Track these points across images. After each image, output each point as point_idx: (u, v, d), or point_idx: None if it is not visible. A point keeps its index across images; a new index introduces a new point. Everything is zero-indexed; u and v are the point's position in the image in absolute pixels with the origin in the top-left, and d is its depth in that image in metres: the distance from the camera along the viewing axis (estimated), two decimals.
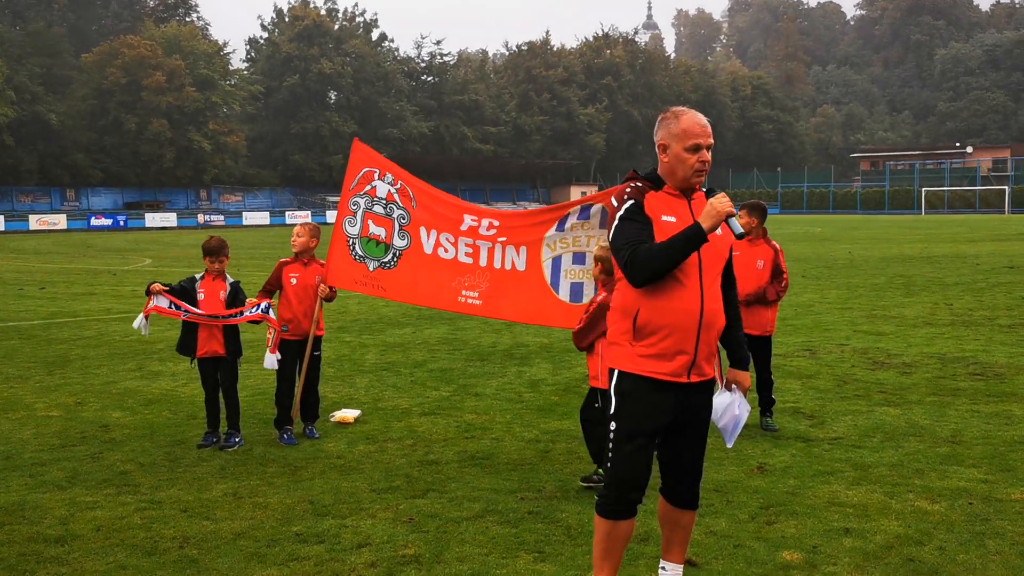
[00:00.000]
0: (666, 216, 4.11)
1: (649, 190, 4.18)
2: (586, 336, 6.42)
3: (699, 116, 4.15)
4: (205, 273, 7.77)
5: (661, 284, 4.04)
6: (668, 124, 4.17)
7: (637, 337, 4.13)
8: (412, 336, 13.59)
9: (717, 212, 3.97)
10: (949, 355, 11.17)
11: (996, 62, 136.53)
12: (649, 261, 3.97)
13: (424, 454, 7.34)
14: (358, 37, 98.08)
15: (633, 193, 4.15)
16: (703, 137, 4.10)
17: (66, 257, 36.30)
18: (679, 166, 4.13)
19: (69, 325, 15.20)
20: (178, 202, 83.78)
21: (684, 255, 3.98)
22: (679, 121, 4.13)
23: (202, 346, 7.67)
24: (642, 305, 4.09)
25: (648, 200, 4.14)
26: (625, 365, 4.16)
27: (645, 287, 4.06)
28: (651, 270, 3.99)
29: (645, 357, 4.11)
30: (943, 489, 6.13)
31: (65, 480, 6.69)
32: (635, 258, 3.99)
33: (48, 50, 77.24)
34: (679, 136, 4.11)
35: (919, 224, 59.07)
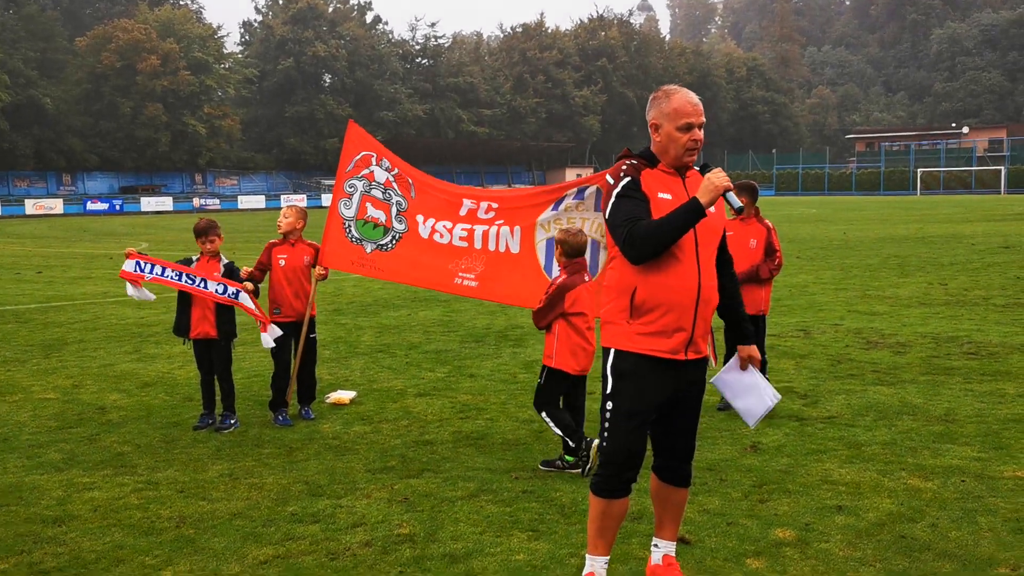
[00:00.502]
0: (662, 193, 4.11)
1: (645, 167, 4.19)
2: (545, 316, 6.48)
3: (690, 95, 4.15)
4: (200, 255, 7.78)
5: (658, 261, 4.04)
6: (659, 103, 4.17)
7: (635, 315, 4.13)
8: (407, 318, 13.61)
9: (715, 187, 3.98)
10: (943, 335, 11.20)
11: (992, 42, 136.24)
12: (648, 237, 3.97)
13: (419, 435, 7.37)
14: (352, 20, 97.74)
15: (629, 170, 4.15)
16: (694, 116, 4.10)
17: (63, 241, 36.27)
18: (671, 145, 4.13)
19: (66, 309, 15.21)
20: (174, 186, 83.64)
21: (682, 231, 3.98)
22: (670, 100, 4.13)
23: (195, 327, 7.68)
24: (639, 283, 4.10)
25: (644, 177, 4.14)
26: (623, 343, 4.16)
27: (643, 264, 4.06)
28: (650, 246, 3.99)
29: (644, 335, 4.11)
30: (936, 467, 6.17)
31: (62, 461, 6.71)
32: (633, 234, 3.99)
33: (42, 34, 76.92)
34: (670, 115, 4.11)
35: (915, 205, 59.09)
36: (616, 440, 4.18)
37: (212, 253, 7.74)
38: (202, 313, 7.65)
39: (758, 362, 4.50)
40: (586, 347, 6.46)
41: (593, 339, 6.46)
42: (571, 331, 6.40)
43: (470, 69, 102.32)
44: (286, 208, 8.17)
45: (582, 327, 6.41)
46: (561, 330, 6.41)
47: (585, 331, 6.42)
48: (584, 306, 6.39)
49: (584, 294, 6.39)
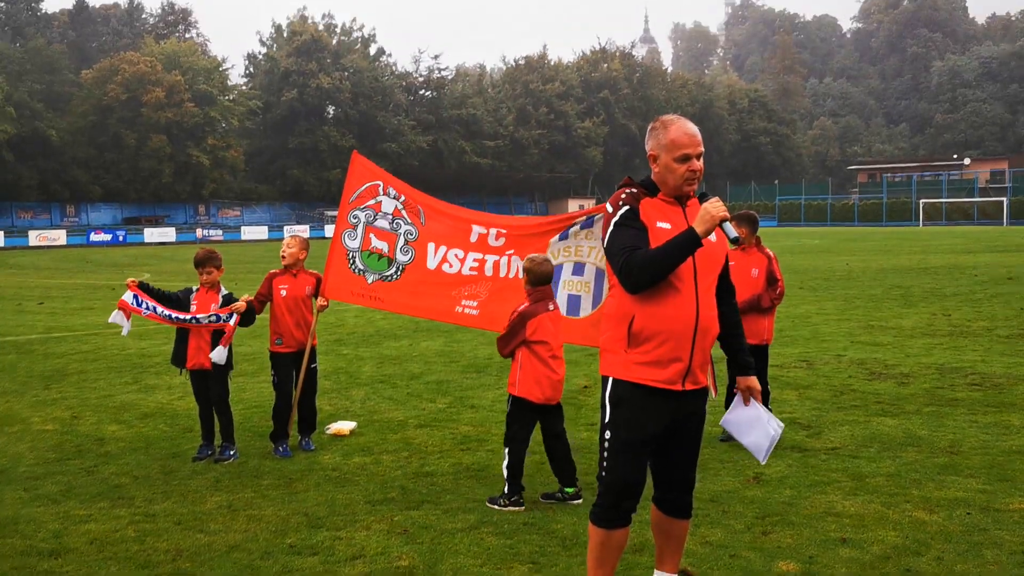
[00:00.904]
0: (661, 223, 4.10)
1: (644, 196, 4.18)
2: (507, 343, 6.45)
3: (688, 125, 4.13)
4: (199, 286, 7.77)
5: (656, 290, 4.03)
6: (657, 134, 4.16)
7: (632, 344, 4.10)
8: (408, 349, 13.57)
9: (711, 216, 3.96)
10: (947, 365, 11.15)
11: (992, 74, 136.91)
12: (644, 266, 3.96)
13: (419, 466, 7.32)
14: (356, 52, 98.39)
15: (628, 199, 4.14)
16: (691, 147, 4.09)
17: (65, 272, 36.31)
18: (669, 175, 4.12)
19: (67, 339, 15.19)
20: (177, 217, 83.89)
21: (679, 260, 3.97)
22: (667, 131, 4.12)
23: (191, 358, 7.66)
24: (637, 312, 4.07)
25: (643, 207, 4.13)
26: (619, 372, 4.14)
27: (640, 293, 4.04)
28: (646, 275, 3.97)
29: (640, 364, 4.09)
30: (941, 499, 6.11)
31: (59, 494, 6.66)
32: (630, 263, 3.98)
33: (48, 67, 77.48)
34: (668, 146, 4.10)
35: (917, 236, 59.11)
36: (614, 470, 4.15)
37: (211, 284, 7.73)
38: (198, 344, 7.63)
39: (758, 393, 4.46)
40: (551, 376, 6.38)
41: (559, 368, 6.43)
42: (534, 359, 6.34)
43: (473, 101, 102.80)
44: (289, 238, 8.14)
45: (545, 355, 6.34)
46: (524, 358, 6.36)
47: (549, 359, 6.35)
48: (546, 334, 6.34)
49: (547, 322, 6.36)
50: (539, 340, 6.33)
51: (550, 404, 6.48)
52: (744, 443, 4.49)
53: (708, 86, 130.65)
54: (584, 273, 6.97)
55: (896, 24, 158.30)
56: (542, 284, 6.43)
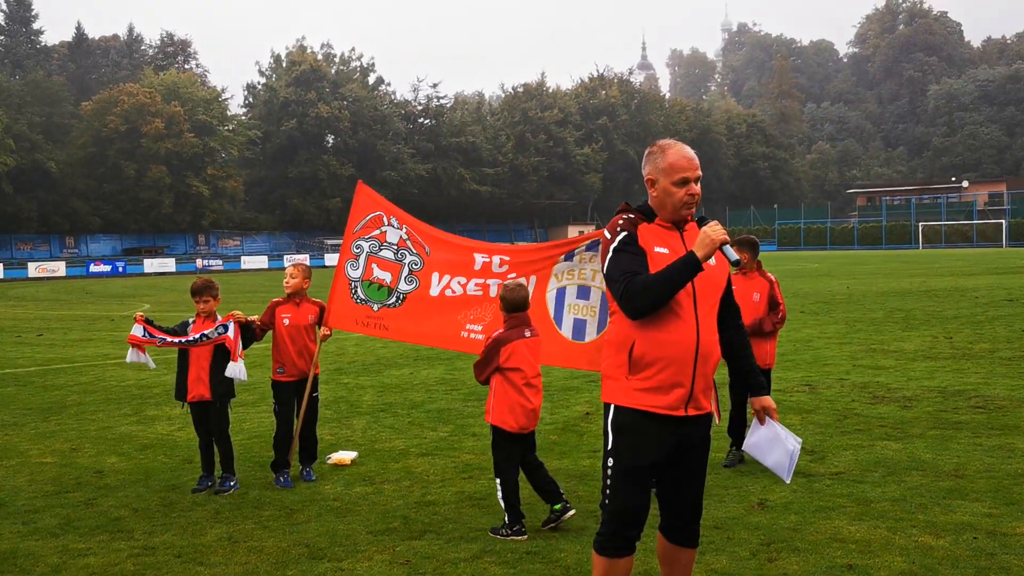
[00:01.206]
0: (659, 248, 4.09)
1: (642, 222, 4.16)
2: (482, 370, 6.43)
3: (686, 149, 4.14)
4: (196, 316, 7.75)
5: (656, 316, 4.00)
6: (655, 159, 4.15)
7: (633, 370, 4.07)
8: (410, 377, 13.53)
9: (711, 240, 3.95)
10: (950, 388, 11.10)
11: (989, 97, 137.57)
12: (644, 292, 3.94)
13: (421, 495, 7.26)
14: (355, 81, 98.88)
15: (626, 225, 4.13)
16: (690, 170, 4.08)
17: (64, 304, 36.29)
18: (667, 200, 4.11)
19: (66, 371, 15.14)
20: (177, 247, 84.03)
21: (680, 285, 3.95)
22: (665, 156, 4.12)
23: (191, 390, 7.63)
24: (637, 337, 4.05)
25: (641, 232, 4.12)
26: (621, 399, 4.11)
27: (641, 319, 4.02)
28: (647, 301, 3.95)
29: (641, 391, 4.06)
30: (947, 524, 6.06)
31: (58, 527, 6.61)
32: (630, 289, 3.96)
33: (47, 99, 77.88)
34: (666, 171, 4.09)
35: (917, 258, 59.14)
36: (617, 497, 4.10)
37: (207, 313, 7.70)
38: (197, 375, 7.60)
39: (775, 411, 4.42)
40: (524, 404, 6.30)
41: (534, 396, 6.36)
42: (508, 387, 6.29)
43: (472, 129, 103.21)
44: (291, 267, 8.11)
45: (519, 383, 6.29)
46: (498, 385, 6.33)
47: (523, 387, 6.29)
48: (521, 362, 6.29)
49: (522, 349, 6.31)
50: (513, 367, 6.28)
51: (524, 433, 6.40)
52: (767, 464, 4.43)
53: (706, 112, 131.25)
54: (590, 297, 6.95)
55: (892, 48, 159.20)
56: (517, 311, 6.39)
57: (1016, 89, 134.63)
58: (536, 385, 6.38)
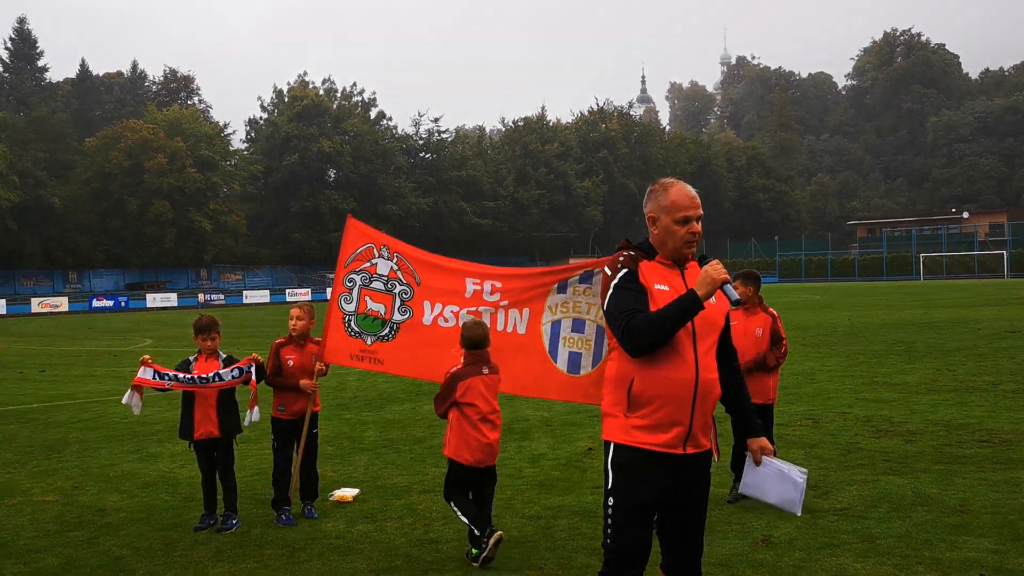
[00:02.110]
0: (660, 285, 4.10)
1: (643, 259, 4.18)
2: (439, 404, 6.62)
3: (688, 188, 4.17)
4: (198, 354, 7.76)
5: (655, 353, 4.01)
6: (657, 196, 4.19)
7: (631, 408, 4.08)
8: (412, 412, 13.50)
9: (712, 279, 3.97)
10: (954, 422, 11.07)
11: (988, 129, 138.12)
12: (645, 329, 3.95)
13: (424, 532, 7.23)
14: (356, 116, 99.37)
15: (627, 262, 4.15)
16: (692, 209, 4.12)
17: (67, 339, 36.29)
18: (669, 238, 4.14)
19: (68, 408, 15.12)
20: (179, 282, 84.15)
21: (680, 323, 3.96)
22: (668, 194, 4.15)
23: (198, 428, 7.62)
24: (636, 375, 4.06)
25: (642, 269, 4.14)
26: (619, 437, 4.11)
27: (641, 356, 4.02)
28: (647, 339, 3.96)
29: (639, 428, 4.06)
30: (953, 560, 6.03)
31: (60, 567, 6.58)
32: (631, 327, 3.97)
33: (51, 135, 78.35)
34: (668, 208, 4.13)
35: (918, 290, 59.13)
36: (619, 537, 4.09)
37: (211, 351, 7.71)
38: (204, 413, 7.60)
39: (771, 451, 4.41)
40: (480, 439, 6.45)
41: (489, 432, 6.48)
42: (464, 422, 6.46)
43: (473, 163, 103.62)
44: (296, 309, 8.12)
45: (474, 418, 6.45)
46: (454, 419, 6.48)
47: (478, 422, 6.45)
48: (476, 398, 6.47)
49: (478, 385, 6.49)
50: (468, 403, 6.45)
51: (480, 467, 6.56)
52: (772, 502, 4.40)
53: (706, 144, 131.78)
54: (584, 330, 6.92)
55: (890, 81, 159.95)
56: (474, 348, 6.58)
57: (1015, 120, 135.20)
58: (493, 421, 6.51)
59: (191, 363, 7.72)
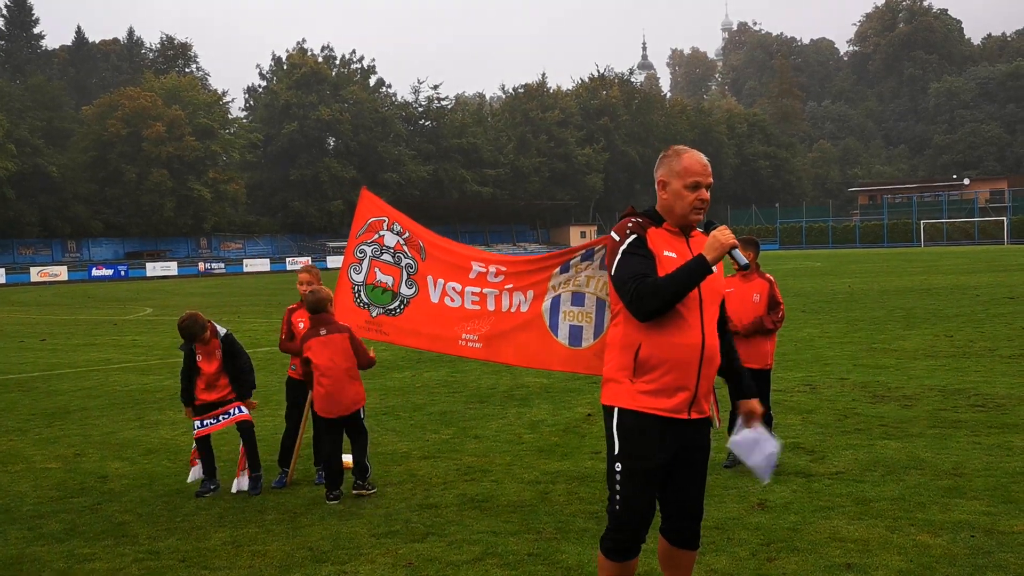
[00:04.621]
0: (668, 252, 4.11)
1: (650, 226, 4.19)
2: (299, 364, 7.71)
3: (700, 155, 4.19)
4: (199, 354, 7.79)
5: (663, 319, 4.02)
6: (670, 161, 4.20)
7: (638, 373, 4.09)
8: (412, 380, 13.58)
9: (721, 244, 3.99)
10: (950, 387, 11.14)
11: (990, 94, 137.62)
12: (655, 294, 3.95)
13: (424, 498, 7.31)
14: (356, 83, 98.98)
15: (635, 228, 4.15)
16: (703, 176, 4.13)
17: (67, 308, 36.36)
18: (678, 202, 4.15)
19: (69, 376, 15.20)
20: (179, 251, 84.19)
21: (689, 288, 3.97)
22: (681, 159, 4.17)
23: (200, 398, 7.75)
24: (644, 340, 4.07)
25: (650, 235, 4.14)
26: (625, 402, 4.12)
27: (650, 321, 4.04)
28: (657, 303, 3.96)
29: (645, 393, 4.07)
30: (945, 522, 6.09)
31: (63, 532, 6.66)
32: (641, 291, 3.97)
33: (48, 104, 78.11)
34: (680, 173, 4.14)
35: (918, 256, 59.14)
36: (627, 501, 4.11)
37: (206, 345, 7.74)
38: (206, 384, 7.73)
39: (760, 415, 4.47)
40: (320, 392, 7.42)
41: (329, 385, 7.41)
42: (314, 379, 7.46)
43: (473, 130, 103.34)
44: (303, 273, 8.21)
45: (316, 375, 7.44)
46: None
47: (320, 378, 7.42)
48: (316, 356, 7.43)
49: (316, 346, 7.44)
50: (311, 360, 7.44)
51: (330, 417, 7.45)
52: (749, 464, 4.48)
53: (707, 111, 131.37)
54: (584, 303, 6.94)
55: (892, 46, 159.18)
56: (314, 312, 7.53)
57: (1017, 86, 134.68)
58: (333, 376, 7.41)
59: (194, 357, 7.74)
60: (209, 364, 7.73)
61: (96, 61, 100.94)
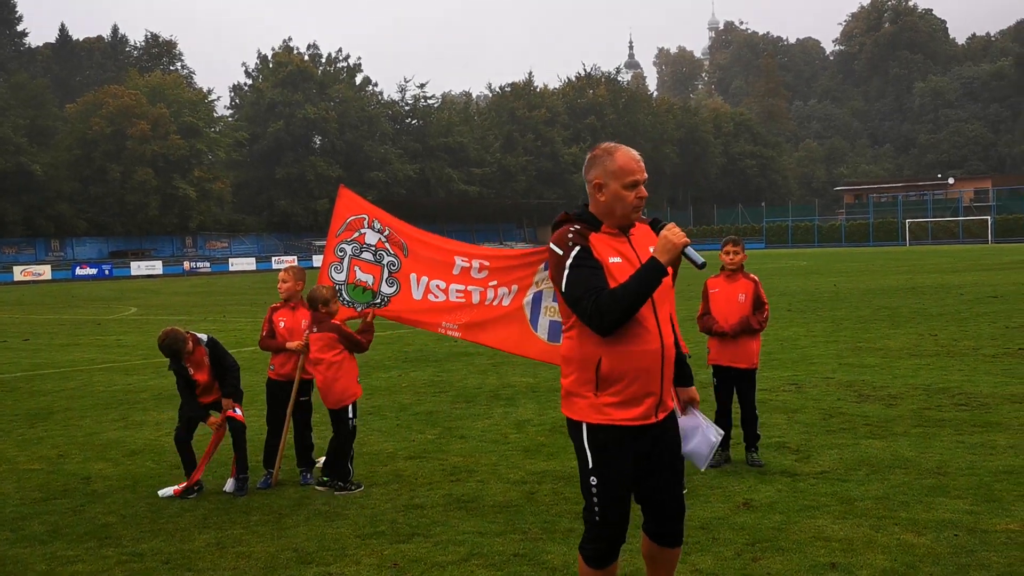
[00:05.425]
0: (613, 258, 3.98)
1: (590, 232, 4.05)
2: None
3: (633, 152, 4.06)
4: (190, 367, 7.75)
5: (620, 330, 3.92)
6: (603, 162, 4.06)
7: (602, 387, 3.99)
8: (398, 379, 13.55)
9: (673, 244, 3.85)
10: (934, 386, 11.19)
11: (974, 94, 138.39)
12: (614, 306, 3.83)
13: (409, 498, 7.29)
14: (342, 82, 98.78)
15: (576, 238, 4.00)
16: (639, 173, 4.01)
17: (50, 308, 36.16)
18: (618, 204, 4.02)
19: (52, 377, 15.11)
20: (164, 250, 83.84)
21: (648, 294, 3.84)
22: (615, 158, 4.03)
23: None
24: (603, 354, 3.95)
25: (592, 243, 4.00)
26: (593, 416, 4.02)
27: (611, 335, 3.92)
28: (617, 315, 3.84)
29: (612, 406, 3.98)
30: (929, 521, 6.12)
31: (46, 534, 6.62)
32: (599, 305, 3.83)
33: (32, 102, 77.66)
34: (616, 173, 4.00)
35: (904, 255, 59.40)
36: (605, 510, 4.06)
37: (190, 356, 7.69)
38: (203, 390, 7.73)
39: (697, 403, 4.47)
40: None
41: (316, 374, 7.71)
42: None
43: (460, 129, 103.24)
44: (284, 272, 8.20)
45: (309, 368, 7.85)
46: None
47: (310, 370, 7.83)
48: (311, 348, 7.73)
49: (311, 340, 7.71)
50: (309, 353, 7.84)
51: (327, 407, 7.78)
52: (684, 451, 4.44)
53: (693, 110, 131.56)
54: None
55: (878, 46, 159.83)
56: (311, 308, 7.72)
57: (1000, 86, 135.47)
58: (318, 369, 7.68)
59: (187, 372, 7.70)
60: (201, 373, 7.70)
61: (80, 59, 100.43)
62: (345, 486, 7.55)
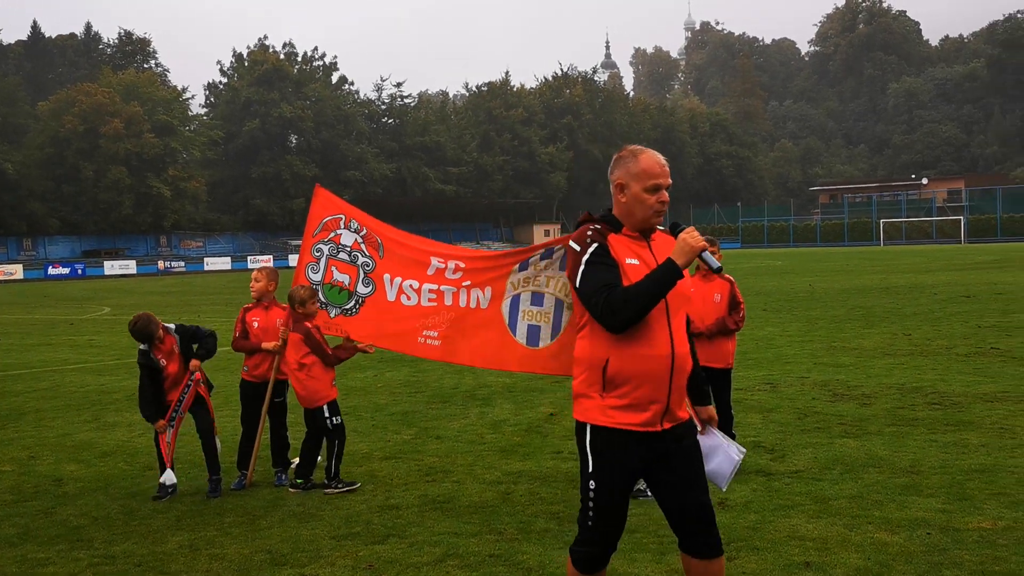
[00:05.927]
0: (630, 259, 3.94)
1: (609, 232, 4.01)
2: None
3: (658, 155, 4.03)
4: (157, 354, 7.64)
5: (631, 331, 3.87)
6: (627, 163, 4.02)
7: (607, 388, 3.94)
8: (374, 380, 13.50)
9: (691, 247, 3.82)
10: (908, 385, 11.26)
11: (947, 95, 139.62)
12: (627, 304, 3.78)
13: (384, 499, 7.26)
14: (318, 81, 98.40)
15: (596, 236, 3.97)
16: (662, 177, 3.97)
17: (22, 307, 35.81)
18: (638, 206, 3.98)
19: (24, 377, 14.96)
20: (138, 249, 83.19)
21: (661, 295, 3.81)
22: (638, 161, 3.99)
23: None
24: (611, 355, 3.91)
25: (611, 243, 3.97)
26: (597, 418, 3.97)
27: (622, 333, 3.87)
28: (628, 313, 3.79)
29: (617, 409, 3.93)
30: (902, 520, 6.15)
31: (16, 536, 6.54)
32: (611, 302, 3.80)
33: (3, 99, 76.99)
34: (639, 176, 3.96)
35: (878, 255, 59.82)
36: (600, 516, 4.00)
37: (161, 344, 7.61)
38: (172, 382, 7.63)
39: (715, 422, 4.43)
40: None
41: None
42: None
43: (436, 128, 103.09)
44: (256, 272, 8.17)
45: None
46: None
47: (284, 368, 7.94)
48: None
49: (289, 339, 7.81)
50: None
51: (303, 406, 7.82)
52: (706, 471, 4.43)
53: (670, 110, 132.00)
54: (543, 303, 6.91)
55: (852, 47, 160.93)
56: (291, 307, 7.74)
57: (973, 87, 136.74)
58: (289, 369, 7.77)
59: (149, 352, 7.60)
60: (171, 363, 7.62)
61: (52, 56, 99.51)
62: (347, 485, 7.56)
